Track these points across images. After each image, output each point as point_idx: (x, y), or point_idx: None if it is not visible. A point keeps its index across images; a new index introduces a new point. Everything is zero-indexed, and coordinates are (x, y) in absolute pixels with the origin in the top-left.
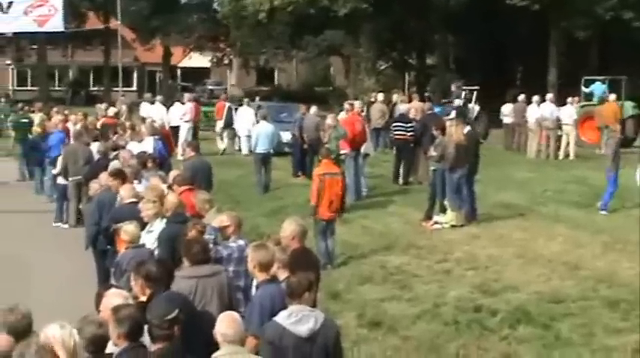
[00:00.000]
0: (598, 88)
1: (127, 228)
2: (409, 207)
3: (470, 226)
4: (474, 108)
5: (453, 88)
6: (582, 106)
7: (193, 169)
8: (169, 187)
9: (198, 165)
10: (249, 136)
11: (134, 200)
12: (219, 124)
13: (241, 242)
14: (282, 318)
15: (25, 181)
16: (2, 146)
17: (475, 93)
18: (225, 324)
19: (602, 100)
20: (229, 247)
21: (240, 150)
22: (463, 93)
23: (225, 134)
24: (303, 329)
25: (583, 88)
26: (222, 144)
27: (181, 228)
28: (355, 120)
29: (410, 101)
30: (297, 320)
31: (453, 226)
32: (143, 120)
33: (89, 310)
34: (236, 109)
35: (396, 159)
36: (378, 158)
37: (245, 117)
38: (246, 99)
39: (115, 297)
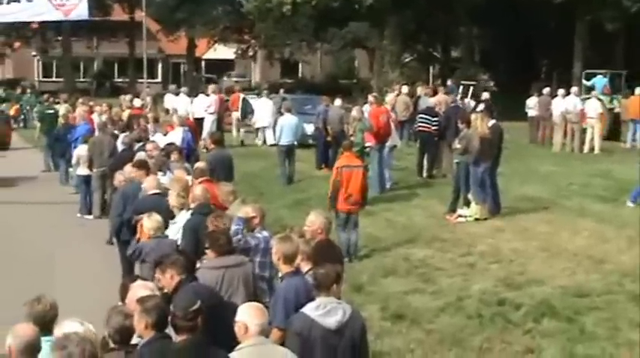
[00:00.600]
0: (599, 81)
1: (146, 221)
2: (433, 199)
3: (494, 219)
4: (470, 103)
5: (449, 82)
6: (583, 99)
7: (213, 161)
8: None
9: (219, 157)
10: (267, 127)
11: (157, 191)
12: (235, 115)
13: (266, 233)
14: (310, 310)
15: (50, 172)
16: (28, 137)
17: (472, 88)
18: (250, 314)
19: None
20: (256, 238)
21: (264, 142)
22: (460, 88)
23: (237, 125)
24: (332, 321)
25: (584, 81)
26: (237, 135)
27: (205, 219)
28: (380, 112)
29: (434, 94)
30: (326, 312)
31: (476, 219)
32: (167, 111)
33: (114, 301)
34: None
35: (420, 152)
36: (402, 151)
37: (264, 109)
38: (265, 91)
39: (141, 289)
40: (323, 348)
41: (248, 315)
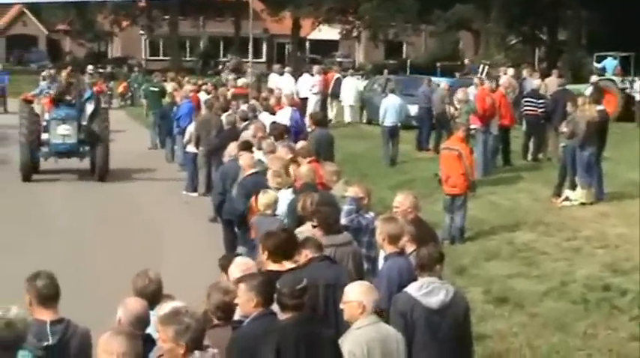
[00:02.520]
0: (610, 63)
1: (260, 196)
2: (538, 183)
3: (599, 204)
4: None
5: (467, 61)
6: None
7: (317, 141)
8: (293, 159)
9: (322, 137)
10: (352, 106)
11: (255, 170)
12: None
13: (372, 214)
14: (413, 290)
15: (156, 149)
16: (135, 115)
17: (487, 67)
18: (366, 293)
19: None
20: (366, 218)
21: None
22: (480, 68)
23: (330, 103)
24: (434, 300)
25: (595, 64)
26: (330, 114)
27: None
28: (485, 95)
29: (543, 78)
30: (428, 291)
31: (582, 204)
32: (271, 91)
33: (216, 278)
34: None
35: (526, 135)
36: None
37: (349, 88)
38: (350, 71)
39: (242, 266)
40: (425, 327)
41: (363, 294)
